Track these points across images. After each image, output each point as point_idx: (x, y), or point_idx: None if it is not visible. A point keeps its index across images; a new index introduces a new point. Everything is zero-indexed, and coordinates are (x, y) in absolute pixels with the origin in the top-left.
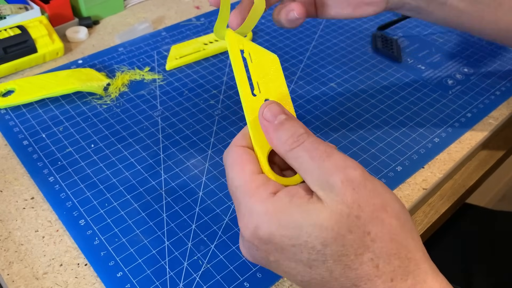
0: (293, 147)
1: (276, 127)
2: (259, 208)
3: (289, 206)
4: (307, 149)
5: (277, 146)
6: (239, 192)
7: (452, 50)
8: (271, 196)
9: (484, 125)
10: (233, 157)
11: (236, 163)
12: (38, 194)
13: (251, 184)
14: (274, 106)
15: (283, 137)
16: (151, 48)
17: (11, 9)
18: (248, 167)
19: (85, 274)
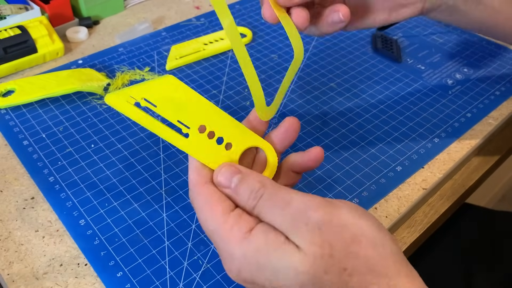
0: (254, 204)
1: (235, 191)
2: (237, 252)
3: (265, 247)
4: (266, 200)
5: (243, 207)
6: (215, 236)
7: (452, 50)
8: (247, 235)
9: (484, 125)
10: (200, 199)
11: (205, 205)
12: (38, 194)
13: (225, 226)
14: (224, 171)
15: (244, 198)
16: (151, 48)
17: (11, 9)
18: (218, 207)
19: (85, 274)
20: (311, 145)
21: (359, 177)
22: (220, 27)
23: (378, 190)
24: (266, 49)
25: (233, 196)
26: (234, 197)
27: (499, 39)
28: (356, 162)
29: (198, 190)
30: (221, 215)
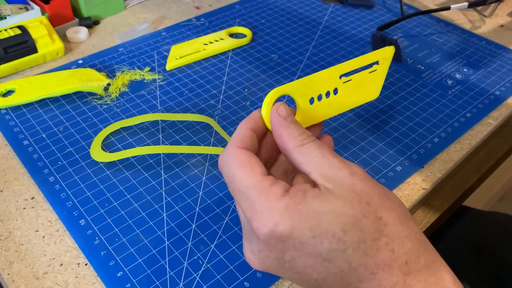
0: (305, 143)
1: (289, 124)
2: (278, 205)
3: (306, 198)
4: (318, 146)
5: (286, 141)
6: (251, 192)
7: (452, 50)
8: (285, 193)
9: (483, 125)
10: (240, 158)
11: (244, 164)
12: (38, 194)
13: (265, 183)
14: (287, 107)
15: (294, 133)
16: (151, 48)
17: (11, 9)
18: (258, 169)
19: (85, 274)
20: None
21: None
22: (220, 27)
23: None
24: (266, 49)
25: (283, 127)
26: (283, 128)
27: None
28: (356, 162)
29: (239, 151)
30: (260, 174)
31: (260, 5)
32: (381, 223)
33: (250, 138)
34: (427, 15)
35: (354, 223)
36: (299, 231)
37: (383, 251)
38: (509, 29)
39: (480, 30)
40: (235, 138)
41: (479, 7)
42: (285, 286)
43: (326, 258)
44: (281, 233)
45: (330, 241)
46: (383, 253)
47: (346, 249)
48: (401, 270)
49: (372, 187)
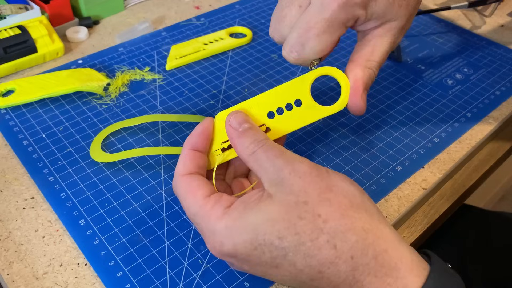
0: (254, 150)
1: (240, 134)
2: (219, 226)
3: (244, 211)
4: (264, 150)
5: (240, 151)
6: (197, 218)
7: (452, 50)
8: (226, 210)
9: (484, 125)
10: (183, 187)
11: (187, 192)
12: (38, 194)
13: (206, 207)
14: (239, 115)
15: (245, 142)
16: (151, 48)
17: (11, 9)
18: (199, 192)
19: (85, 274)
20: (311, 145)
21: (359, 177)
22: (220, 27)
23: (378, 190)
24: (266, 49)
25: (235, 138)
26: (235, 139)
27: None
28: (356, 162)
29: (182, 179)
30: (202, 198)
31: (260, 5)
32: (319, 220)
33: (191, 159)
34: (427, 15)
35: (289, 228)
36: (241, 246)
37: (325, 249)
38: (509, 29)
39: (480, 30)
40: (178, 166)
41: (479, 7)
42: (285, 286)
43: (273, 265)
44: (228, 252)
45: (269, 249)
46: (325, 251)
47: (286, 254)
48: (348, 265)
49: (313, 181)
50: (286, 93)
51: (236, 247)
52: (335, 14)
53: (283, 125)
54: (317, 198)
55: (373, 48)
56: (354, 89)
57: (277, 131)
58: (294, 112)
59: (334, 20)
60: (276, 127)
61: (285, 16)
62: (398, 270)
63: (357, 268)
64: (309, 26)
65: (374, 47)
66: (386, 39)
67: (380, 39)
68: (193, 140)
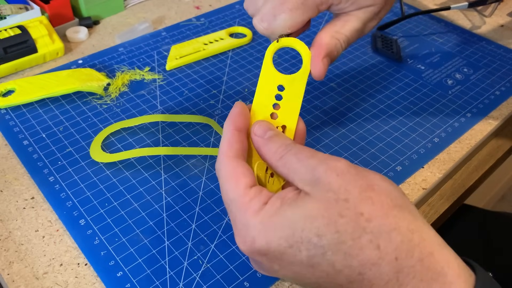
0: (282, 154)
1: (266, 141)
2: (254, 221)
3: (281, 208)
4: (294, 153)
5: (268, 158)
6: (233, 206)
7: (452, 50)
8: (263, 206)
9: (483, 125)
10: (228, 169)
11: (230, 176)
12: (38, 194)
13: (245, 198)
14: (263, 124)
15: (273, 148)
16: (151, 48)
17: (11, 9)
18: (243, 180)
19: (85, 274)
20: (311, 145)
21: None
22: (220, 27)
23: None
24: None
25: (262, 146)
26: (262, 147)
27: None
28: (356, 162)
29: (228, 161)
30: (243, 188)
31: None
32: (362, 219)
33: (237, 140)
34: (427, 15)
35: (329, 225)
36: (275, 243)
37: (367, 249)
38: (509, 29)
39: (480, 30)
40: (223, 146)
41: (479, 7)
42: (285, 286)
43: (309, 264)
44: (259, 248)
45: (307, 247)
46: (368, 251)
47: (325, 253)
48: (392, 267)
49: (352, 179)
50: (269, 79)
51: (270, 244)
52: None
53: (290, 109)
54: (358, 196)
55: (344, 22)
56: (316, 53)
57: (290, 120)
58: (286, 90)
59: None
60: (286, 116)
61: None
62: (445, 275)
63: (402, 271)
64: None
65: (346, 22)
66: (358, 17)
67: (353, 17)
68: (235, 119)
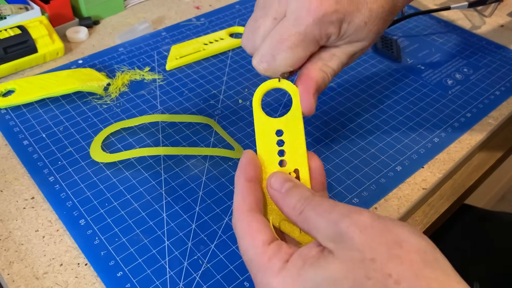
0: (301, 210)
1: (284, 195)
2: (275, 282)
3: (303, 268)
4: (313, 207)
5: (287, 212)
6: (253, 266)
7: (452, 50)
8: (284, 265)
9: (483, 125)
10: (243, 226)
11: (246, 233)
12: (38, 193)
13: (263, 257)
14: (279, 175)
15: (291, 203)
16: (151, 48)
17: (11, 9)
18: (259, 237)
19: (85, 273)
20: (311, 145)
21: (359, 177)
22: (220, 27)
23: (378, 190)
24: None
25: (280, 200)
26: (280, 201)
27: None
28: (356, 162)
29: (241, 217)
30: (261, 245)
31: None
32: (391, 281)
33: (249, 193)
34: (427, 15)
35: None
36: None
37: None
38: (509, 29)
39: (480, 30)
40: (237, 200)
41: (479, 7)
42: None
43: None
44: None
45: None
46: None
47: None
48: None
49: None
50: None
51: None
52: (309, 29)
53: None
54: (386, 255)
55: (331, 55)
56: (306, 89)
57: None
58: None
59: (308, 35)
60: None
61: (259, 27)
62: None
63: None
64: (282, 38)
65: (333, 55)
66: (346, 51)
67: (341, 50)
68: (245, 169)
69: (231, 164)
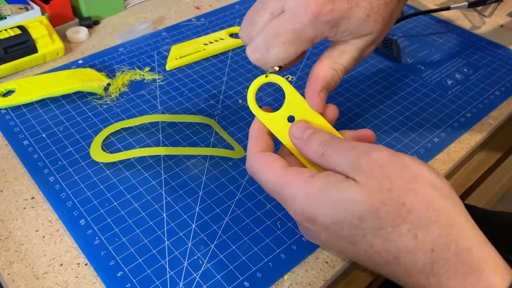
0: (323, 152)
1: (306, 142)
2: (300, 193)
3: (326, 185)
4: (334, 147)
5: (310, 157)
6: (278, 187)
7: (452, 50)
8: (309, 179)
9: (483, 125)
10: (259, 163)
11: (264, 165)
12: (38, 193)
13: (287, 176)
14: (300, 124)
15: (313, 147)
16: (151, 48)
17: (11, 9)
18: (277, 164)
19: (85, 273)
20: None
21: None
22: (220, 27)
23: None
24: None
25: (303, 147)
26: (303, 148)
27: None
28: None
29: (256, 156)
30: (281, 168)
31: None
32: (403, 209)
33: (262, 139)
34: (427, 15)
35: (371, 211)
36: (320, 217)
37: (406, 238)
38: (509, 29)
39: (480, 30)
40: (250, 145)
41: (479, 7)
42: (285, 286)
43: (350, 241)
44: (308, 217)
45: (348, 227)
46: (406, 239)
47: (365, 235)
48: (427, 257)
49: (396, 171)
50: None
51: (316, 216)
52: (304, 28)
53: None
54: (402, 187)
55: (341, 52)
56: (314, 88)
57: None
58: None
59: (303, 33)
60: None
61: (256, 20)
62: (482, 271)
63: (436, 262)
64: (278, 33)
65: (343, 51)
66: (356, 46)
67: (350, 45)
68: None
69: (231, 164)
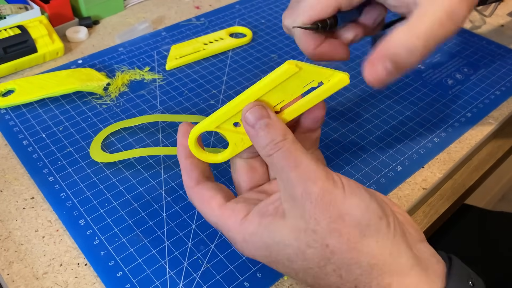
0: (270, 154)
1: (256, 133)
2: (237, 237)
3: (258, 228)
4: (280, 158)
5: (259, 150)
6: (219, 227)
7: (452, 50)
8: (243, 221)
9: (484, 125)
10: (197, 199)
11: (202, 204)
12: (38, 194)
13: (223, 217)
14: (255, 110)
15: (262, 143)
16: (151, 48)
17: (11, 9)
18: (213, 203)
19: (85, 274)
20: None
21: (359, 177)
22: (220, 27)
23: (378, 190)
24: (266, 49)
25: (253, 137)
26: (253, 139)
27: None
28: (356, 162)
29: (191, 193)
30: (218, 208)
31: (260, 5)
32: (327, 251)
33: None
34: None
35: (298, 254)
36: (259, 257)
37: (331, 276)
38: (509, 29)
39: (480, 30)
40: (184, 179)
41: (479, 7)
42: (285, 286)
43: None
44: (253, 255)
45: (282, 266)
46: (332, 278)
47: (297, 273)
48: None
49: (324, 209)
50: None
51: (255, 257)
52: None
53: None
54: (326, 228)
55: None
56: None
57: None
58: None
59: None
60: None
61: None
62: None
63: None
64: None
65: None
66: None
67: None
68: (184, 149)
69: None
